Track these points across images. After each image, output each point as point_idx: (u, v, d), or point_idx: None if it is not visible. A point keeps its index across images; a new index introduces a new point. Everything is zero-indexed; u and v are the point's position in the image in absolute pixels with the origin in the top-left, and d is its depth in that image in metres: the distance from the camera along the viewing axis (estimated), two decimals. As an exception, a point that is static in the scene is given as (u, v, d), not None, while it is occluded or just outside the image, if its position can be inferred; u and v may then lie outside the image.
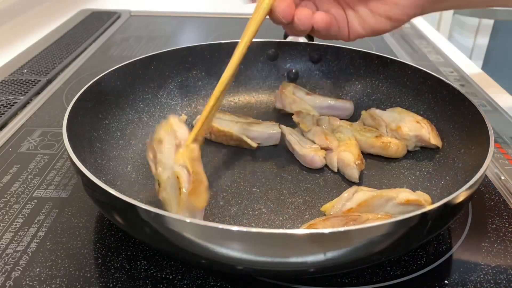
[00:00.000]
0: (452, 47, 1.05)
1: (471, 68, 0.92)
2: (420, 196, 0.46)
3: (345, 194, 0.48)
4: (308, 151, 0.55)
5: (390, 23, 0.49)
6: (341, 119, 0.61)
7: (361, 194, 0.47)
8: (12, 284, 0.40)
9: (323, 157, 0.55)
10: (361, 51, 0.68)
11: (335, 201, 0.48)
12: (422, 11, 0.49)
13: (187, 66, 0.68)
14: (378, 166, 0.56)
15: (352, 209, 0.46)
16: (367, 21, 0.50)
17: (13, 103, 0.71)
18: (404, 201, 0.45)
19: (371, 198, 0.46)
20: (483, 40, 1.96)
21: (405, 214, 0.44)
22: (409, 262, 0.44)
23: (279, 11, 0.47)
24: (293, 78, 0.72)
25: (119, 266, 0.42)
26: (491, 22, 1.92)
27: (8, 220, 0.48)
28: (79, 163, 0.41)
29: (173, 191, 0.41)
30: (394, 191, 0.47)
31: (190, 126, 0.64)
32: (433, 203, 0.37)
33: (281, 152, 0.59)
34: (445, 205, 0.37)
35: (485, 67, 1.96)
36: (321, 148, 0.56)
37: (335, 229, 0.34)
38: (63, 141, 0.45)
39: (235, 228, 0.34)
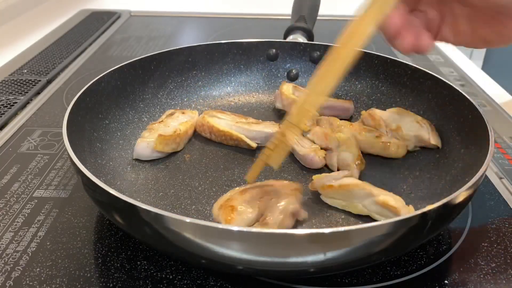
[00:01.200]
0: (452, 47, 1.05)
1: (471, 68, 0.92)
2: (401, 207, 0.45)
3: (336, 174, 0.49)
4: (308, 151, 0.55)
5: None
6: (341, 119, 0.61)
7: (349, 179, 0.48)
8: (12, 284, 0.40)
9: (323, 157, 0.55)
10: (361, 51, 0.68)
11: (326, 174, 0.50)
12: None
13: (187, 66, 0.68)
14: (378, 166, 0.56)
15: (332, 187, 0.47)
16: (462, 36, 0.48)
17: (13, 103, 0.71)
18: (381, 202, 0.45)
19: (354, 185, 0.47)
20: (483, 40, 1.95)
21: (381, 216, 0.46)
22: (409, 262, 0.44)
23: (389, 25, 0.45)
24: (293, 78, 0.72)
25: (119, 266, 0.43)
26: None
27: (8, 220, 0.48)
28: (79, 163, 0.41)
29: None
30: (379, 190, 0.47)
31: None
32: (432, 203, 0.37)
33: (281, 152, 0.59)
34: (445, 205, 0.37)
35: (485, 67, 1.96)
36: (321, 148, 0.56)
37: (335, 229, 0.34)
38: (63, 141, 0.45)
39: (235, 228, 0.34)
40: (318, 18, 0.84)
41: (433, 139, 0.56)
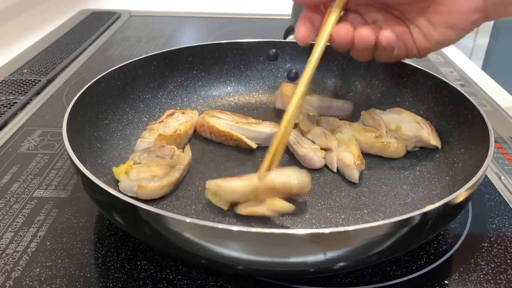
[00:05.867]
0: (452, 47, 1.05)
1: (471, 68, 0.92)
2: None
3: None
4: (308, 151, 0.55)
5: (455, 32, 0.48)
6: (341, 119, 0.61)
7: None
8: (12, 284, 0.40)
9: (322, 157, 0.55)
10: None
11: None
12: (486, 16, 0.46)
13: (187, 66, 0.68)
14: (378, 166, 0.56)
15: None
16: (430, 34, 0.49)
17: (13, 103, 0.71)
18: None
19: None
20: (483, 40, 1.96)
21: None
22: (409, 262, 0.44)
23: (338, 38, 0.49)
24: (293, 78, 0.72)
25: (119, 266, 0.43)
26: (491, 22, 1.92)
27: (8, 220, 0.48)
28: (79, 163, 0.41)
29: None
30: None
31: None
32: (432, 203, 0.37)
33: (281, 152, 0.59)
34: (445, 205, 0.37)
35: (485, 67, 1.96)
36: (321, 148, 0.56)
37: (335, 229, 0.34)
38: (63, 141, 0.45)
39: (235, 228, 0.34)
40: (318, 18, 0.83)
41: (433, 140, 0.56)
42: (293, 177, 0.45)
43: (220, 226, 0.34)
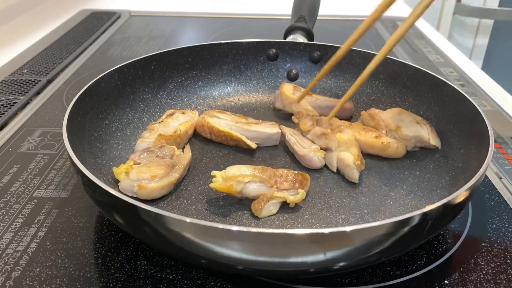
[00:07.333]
0: (452, 47, 1.05)
1: (471, 68, 0.92)
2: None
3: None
4: (308, 151, 0.55)
5: None
6: (341, 119, 0.61)
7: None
8: (12, 284, 0.40)
9: (322, 157, 0.55)
10: (361, 51, 0.69)
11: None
12: None
13: (187, 66, 0.68)
14: (378, 166, 0.56)
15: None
16: None
17: (13, 103, 0.71)
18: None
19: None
20: (483, 40, 1.96)
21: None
22: (409, 262, 0.44)
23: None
24: (293, 78, 0.72)
25: (119, 266, 0.43)
26: (491, 22, 1.92)
27: (8, 220, 0.48)
28: (79, 163, 0.41)
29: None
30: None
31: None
32: (432, 203, 0.37)
33: (281, 152, 0.59)
34: (445, 205, 0.37)
35: (485, 67, 1.96)
36: (321, 149, 0.56)
37: (335, 229, 0.34)
38: (63, 141, 0.45)
39: (235, 228, 0.34)
40: (318, 18, 0.84)
41: (432, 140, 0.56)
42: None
43: (220, 226, 0.34)
